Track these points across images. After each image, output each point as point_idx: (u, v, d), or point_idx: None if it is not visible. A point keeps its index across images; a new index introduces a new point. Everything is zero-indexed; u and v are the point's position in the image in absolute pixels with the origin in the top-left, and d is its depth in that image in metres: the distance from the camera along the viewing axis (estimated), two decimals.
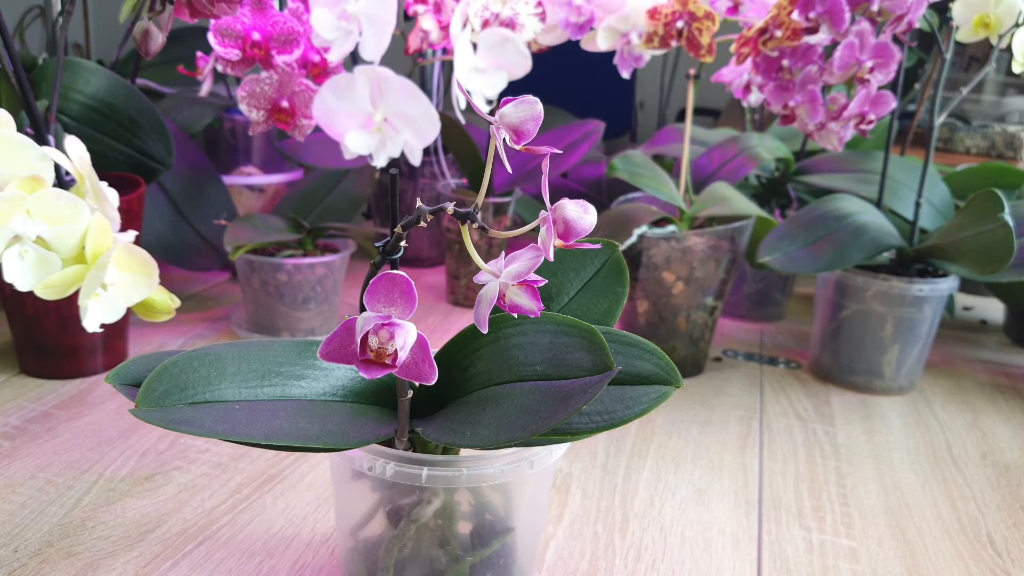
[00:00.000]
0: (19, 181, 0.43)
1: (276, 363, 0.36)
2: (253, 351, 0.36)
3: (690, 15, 0.65)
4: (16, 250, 0.45)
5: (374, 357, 0.28)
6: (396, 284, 0.28)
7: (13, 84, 0.55)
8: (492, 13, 0.62)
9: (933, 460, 0.61)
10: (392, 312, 0.28)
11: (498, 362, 0.35)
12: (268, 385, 0.35)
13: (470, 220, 0.31)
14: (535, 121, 0.29)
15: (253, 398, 0.34)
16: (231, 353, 0.35)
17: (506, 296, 0.30)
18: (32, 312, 0.64)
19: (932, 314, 0.70)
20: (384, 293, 0.28)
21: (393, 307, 0.28)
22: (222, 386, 0.34)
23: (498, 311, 0.31)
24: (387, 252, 0.32)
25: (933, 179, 0.76)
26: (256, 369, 0.35)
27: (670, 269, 0.69)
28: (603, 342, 0.32)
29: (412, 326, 0.28)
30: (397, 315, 0.28)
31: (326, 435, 0.33)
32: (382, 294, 0.28)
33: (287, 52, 0.62)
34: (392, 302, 0.28)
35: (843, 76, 0.66)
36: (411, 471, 0.35)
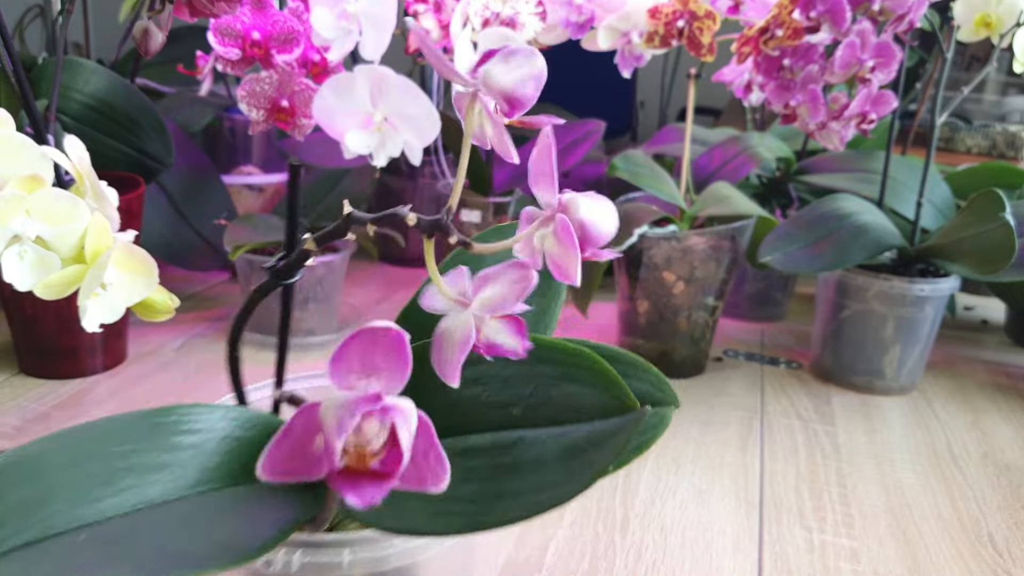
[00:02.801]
0: (18, 181, 0.43)
1: (123, 455, 0.25)
2: (86, 444, 0.25)
3: (691, 14, 0.65)
4: (15, 250, 0.44)
5: (353, 463, 0.18)
6: (379, 342, 0.19)
7: (12, 83, 0.54)
8: (492, 12, 0.62)
9: (934, 460, 0.61)
10: (371, 385, 0.19)
11: (445, 404, 0.25)
12: (119, 491, 0.24)
13: (440, 231, 0.23)
14: (535, 82, 0.22)
15: (99, 518, 0.24)
16: (56, 454, 0.25)
17: (481, 334, 0.22)
18: (31, 312, 0.64)
19: (933, 314, 0.70)
20: (360, 357, 0.19)
21: (374, 377, 0.19)
22: (51, 509, 0.23)
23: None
24: (281, 275, 0.25)
25: (934, 179, 0.76)
26: (98, 471, 0.25)
27: (671, 269, 0.69)
28: (609, 368, 0.24)
29: (410, 405, 0.19)
30: (382, 388, 0.19)
31: (218, 551, 0.23)
32: (357, 359, 0.19)
33: (287, 51, 0.62)
34: (372, 369, 0.19)
35: (844, 75, 0.66)
36: (328, 559, 0.25)
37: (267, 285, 0.25)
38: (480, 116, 0.22)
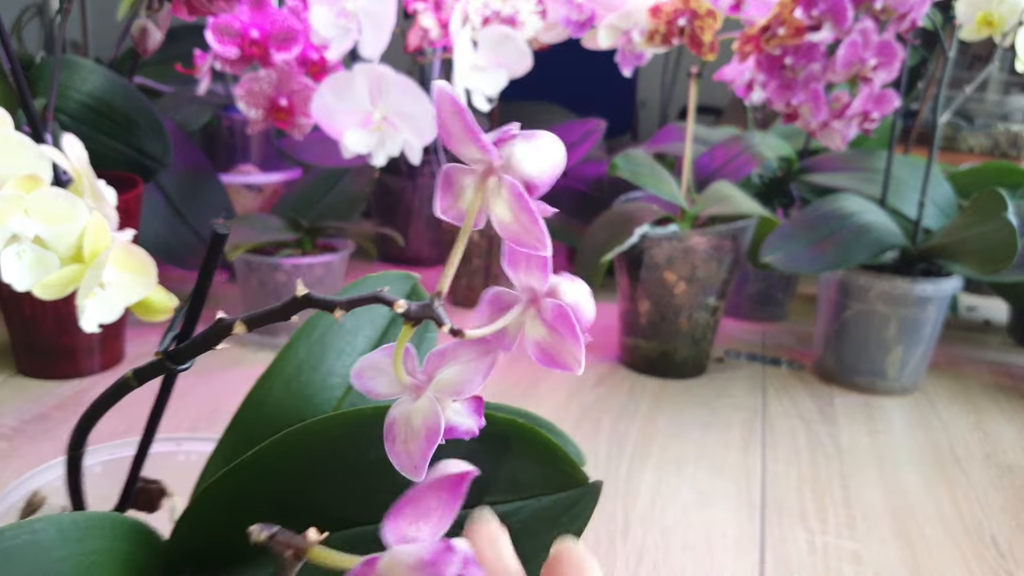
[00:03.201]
0: (17, 180, 0.43)
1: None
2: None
3: (692, 13, 0.64)
4: (14, 250, 0.44)
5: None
6: (443, 490, 0.16)
7: (10, 82, 0.54)
8: (492, 10, 0.62)
9: (936, 461, 0.61)
10: (426, 531, 0.17)
11: (346, 486, 0.22)
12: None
13: (431, 319, 0.20)
14: (554, 173, 0.20)
15: None
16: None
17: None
18: (29, 312, 0.64)
19: (936, 314, 0.70)
20: (423, 506, 0.16)
21: (425, 521, 0.17)
22: None
23: (299, 372, 0.21)
24: (177, 359, 0.21)
25: (937, 178, 0.75)
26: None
27: (672, 269, 0.69)
28: (547, 438, 0.22)
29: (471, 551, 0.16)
30: (428, 531, 0.17)
31: None
32: (418, 507, 0.16)
33: (286, 50, 0.61)
34: (428, 515, 0.17)
35: (846, 74, 0.66)
36: None
37: (150, 370, 0.22)
38: (496, 196, 0.19)
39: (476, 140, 0.19)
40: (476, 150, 0.19)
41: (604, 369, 0.73)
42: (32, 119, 0.56)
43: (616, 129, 1.16)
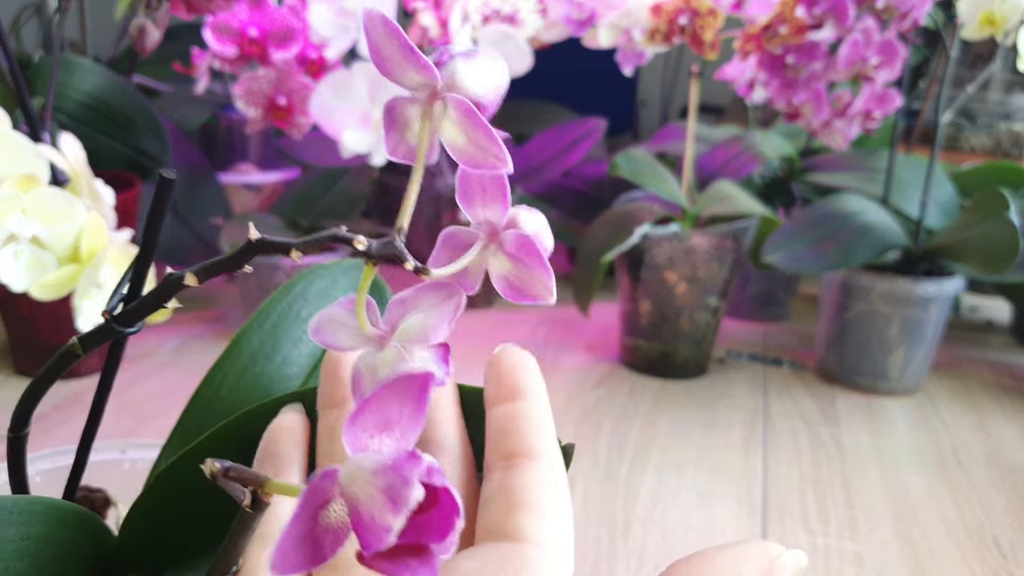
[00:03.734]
0: (14, 180, 0.43)
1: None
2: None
3: (693, 11, 0.64)
4: (11, 250, 0.44)
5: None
6: (409, 393, 0.15)
7: (8, 82, 0.54)
8: (492, 9, 0.61)
9: (938, 462, 0.61)
10: (385, 443, 0.15)
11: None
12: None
13: (391, 258, 0.19)
14: (499, 92, 0.19)
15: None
16: None
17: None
18: (27, 312, 0.63)
19: (938, 314, 0.69)
20: (384, 412, 0.15)
21: (390, 431, 0.15)
22: None
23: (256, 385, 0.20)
24: (125, 320, 0.20)
25: (939, 178, 0.75)
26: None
27: (673, 269, 0.69)
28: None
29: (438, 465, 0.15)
30: (390, 444, 0.15)
31: None
32: (379, 413, 0.15)
33: (284, 49, 0.61)
34: (391, 423, 0.15)
35: (848, 73, 0.66)
36: None
37: (97, 335, 0.20)
38: (444, 120, 0.18)
39: (416, 62, 0.18)
40: (416, 73, 0.18)
41: (604, 370, 0.73)
42: (30, 118, 0.55)
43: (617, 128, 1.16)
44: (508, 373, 0.21)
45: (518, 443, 0.20)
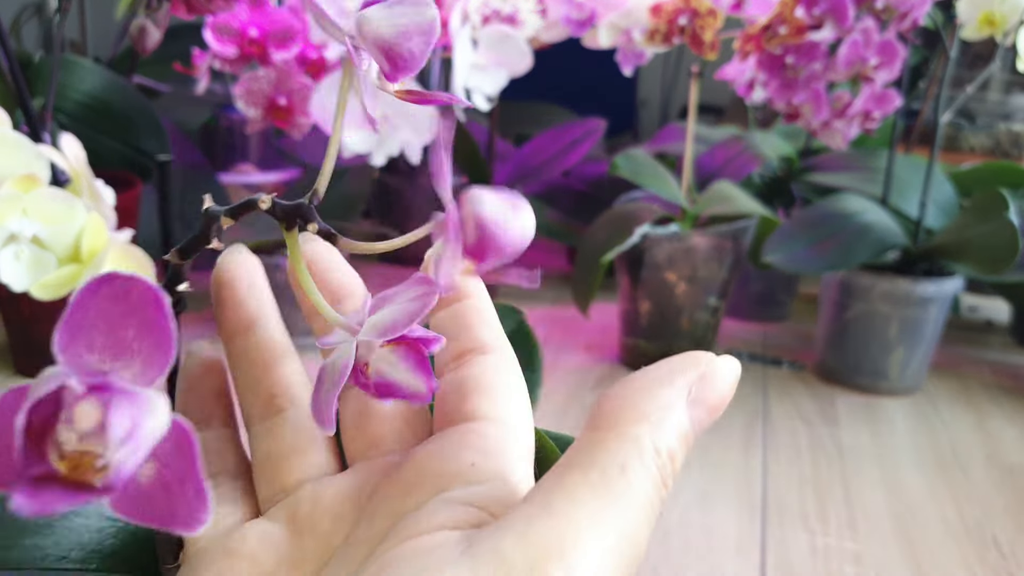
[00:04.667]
0: (15, 180, 0.43)
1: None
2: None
3: (693, 11, 0.64)
4: (12, 250, 0.44)
5: (67, 470, 0.12)
6: (130, 303, 0.13)
7: (9, 82, 0.54)
8: (492, 9, 0.61)
9: (938, 462, 0.61)
10: (115, 370, 0.13)
11: None
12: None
13: (301, 220, 0.18)
14: (423, 37, 0.16)
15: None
16: None
17: (370, 367, 0.17)
18: (28, 313, 0.63)
19: (937, 314, 0.69)
20: (100, 325, 0.13)
21: (120, 360, 0.13)
22: None
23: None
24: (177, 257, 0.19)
25: (938, 178, 0.75)
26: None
27: (673, 269, 0.69)
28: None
29: (161, 399, 0.13)
30: (128, 376, 0.13)
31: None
32: (95, 326, 0.13)
33: (285, 49, 0.61)
34: (120, 349, 0.13)
35: (848, 73, 0.66)
36: None
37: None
38: (350, 76, 0.17)
39: (327, 17, 0.17)
40: (326, 23, 0.18)
41: (604, 370, 0.73)
42: (30, 119, 0.55)
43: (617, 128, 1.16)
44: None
45: (466, 340, 0.20)
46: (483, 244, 0.15)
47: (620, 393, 0.17)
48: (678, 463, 0.16)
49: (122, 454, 0.12)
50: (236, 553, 0.18)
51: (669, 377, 0.17)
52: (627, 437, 0.16)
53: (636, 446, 0.16)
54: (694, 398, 0.17)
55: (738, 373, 0.17)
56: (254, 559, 0.18)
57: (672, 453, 0.16)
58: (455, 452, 0.18)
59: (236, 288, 0.22)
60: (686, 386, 0.17)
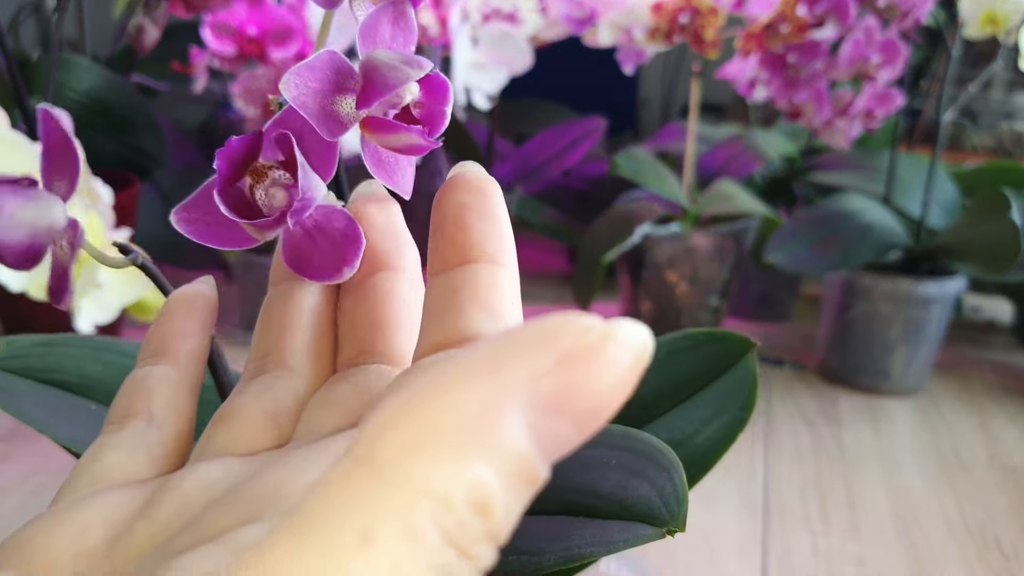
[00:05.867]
0: None
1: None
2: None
3: (694, 10, 0.64)
4: None
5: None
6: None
7: (7, 81, 0.54)
8: (492, 8, 0.61)
9: (940, 463, 0.61)
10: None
11: None
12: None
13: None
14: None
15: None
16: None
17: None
18: (25, 313, 0.63)
19: (940, 315, 0.69)
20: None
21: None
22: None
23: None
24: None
25: (941, 177, 0.75)
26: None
27: (673, 269, 0.68)
28: (679, 471, 0.20)
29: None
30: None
31: None
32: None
33: (284, 47, 0.61)
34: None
35: (850, 72, 0.65)
36: None
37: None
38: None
39: None
40: None
41: None
42: (28, 118, 0.55)
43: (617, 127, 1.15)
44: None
45: (452, 324, 0.16)
46: (371, 82, 0.17)
47: (407, 394, 0.10)
48: (498, 516, 0.09)
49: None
50: (67, 518, 0.15)
51: (495, 362, 0.10)
52: (397, 481, 0.09)
53: (407, 497, 0.09)
54: (546, 399, 0.10)
55: (646, 349, 0.10)
56: (83, 531, 0.15)
57: (484, 502, 0.09)
58: (317, 465, 0.14)
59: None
60: (528, 378, 0.10)
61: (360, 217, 0.19)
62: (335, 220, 0.18)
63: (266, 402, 0.18)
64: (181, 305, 0.20)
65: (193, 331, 0.20)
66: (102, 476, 0.17)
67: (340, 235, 0.18)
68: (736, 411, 0.25)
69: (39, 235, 0.17)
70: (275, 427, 0.17)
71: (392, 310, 0.18)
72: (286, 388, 0.18)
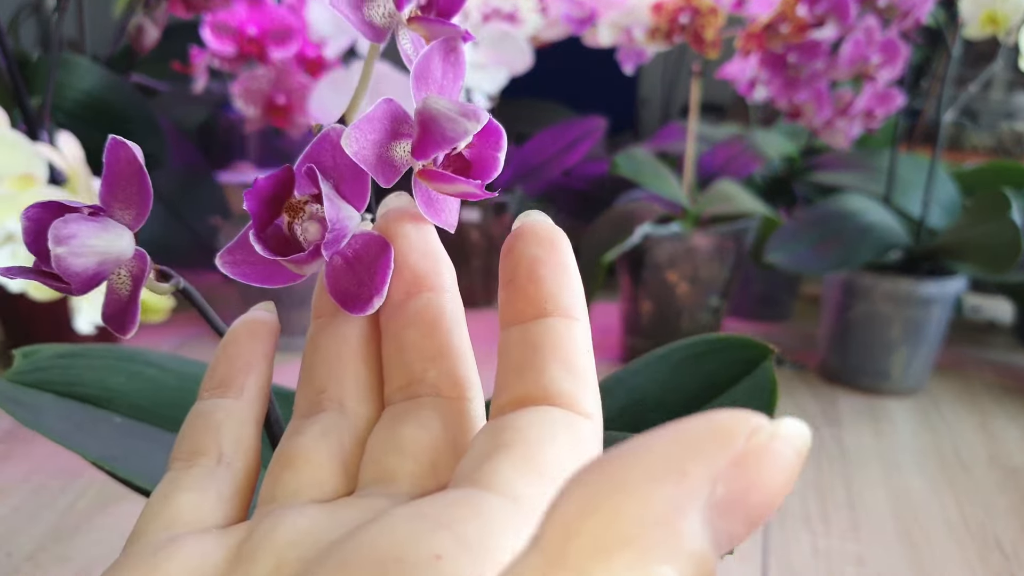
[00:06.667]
0: (12, 179, 0.43)
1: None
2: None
3: (694, 10, 0.64)
4: (9, 249, 0.44)
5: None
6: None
7: (7, 80, 0.54)
8: (493, 8, 0.61)
9: (940, 463, 0.61)
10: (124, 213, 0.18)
11: None
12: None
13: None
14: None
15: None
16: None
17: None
18: (25, 312, 0.63)
19: (940, 315, 0.69)
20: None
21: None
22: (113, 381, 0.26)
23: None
24: None
25: (941, 177, 0.75)
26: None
27: (674, 269, 0.68)
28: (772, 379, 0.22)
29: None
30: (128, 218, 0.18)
31: None
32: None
33: (283, 47, 0.61)
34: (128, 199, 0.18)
35: (850, 72, 0.65)
36: None
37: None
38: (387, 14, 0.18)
39: None
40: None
41: (605, 369, 0.73)
42: (28, 117, 0.55)
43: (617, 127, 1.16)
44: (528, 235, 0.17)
45: (531, 380, 0.16)
46: (427, 133, 0.17)
47: (591, 492, 0.10)
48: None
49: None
50: (150, 570, 0.15)
51: (679, 464, 0.10)
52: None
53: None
54: (721, 499, 0.10)
55: (806, 444, 0.11)
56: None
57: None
58: (427, 531, 0.13)
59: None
60: (708, 480, 0.10)
61: (395, 237, 0.18)
62: (371, 247, 0.18)
63: (332, 445, 0.17)
64: (244, 334, 0.20)
65: (258, 361, 0.19)
66: (175, 519, 0.17)
67: (373, 263, 0.18)
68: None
69: (107, 264, 0.17)
70: (343, 471, 0.17)
71: (442, 335, 0.18)
72: (347, 428, 0.18)
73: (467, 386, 0.18)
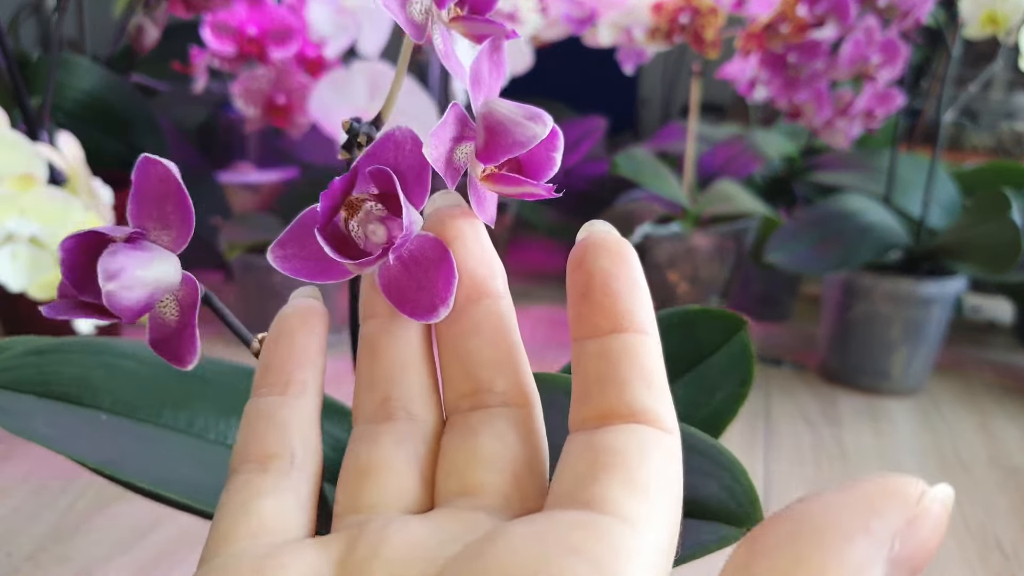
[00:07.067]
0: (12, 180, 0.43)
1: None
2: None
3: (694, 10, 0.64)
4: (9, 250, 0.44)
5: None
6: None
7: (7, 80, 0.54)
8: None
9: (940, 463, 0.61)
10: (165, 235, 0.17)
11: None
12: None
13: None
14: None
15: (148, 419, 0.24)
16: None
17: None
18: (25, 313, 0.63)
19: (940, 315, 0.69)
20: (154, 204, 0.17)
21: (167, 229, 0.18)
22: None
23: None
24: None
25: (941, 177, 0.75)
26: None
27: (674, 268, 0.68)
28: (741, 469, 0.20)
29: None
30: (168, 240, 0.18)
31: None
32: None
33: (283, 47, 0.61)
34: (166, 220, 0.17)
35: (850, 72, 0.65)
36: None
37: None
38: (426, 14, 0.18)
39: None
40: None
41: None
42: (28, 117, 0.55)
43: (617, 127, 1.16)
44: (602, 287, 0.16)
45: (614, 397, 0.16)
46: (492, 139, 0.17)
47: (798, 548, 0.12)
48: None
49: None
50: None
51: (865, 522, 0.12)
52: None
53: None
54: (897, 555, 0.12)
55: (950, 507, 0.13)
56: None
57: None
58: (558, 555, 0.13)
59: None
60: (889, 537, 0.12)
61: (451, 239, 0.18)
62: (429, 250, 0.17)
63: (409, 454, 0.17)
64: (296, 324, 0.19)
65: (316, 355, 0.19)
66: (261, 527, 0.16)
67: (434, 268, 0.17)
68: (735, 386, 0.26)
69: (157, 294, 0.17)
70: (422, 481, 0.17)
71: (506, 344, 0.18)
72: (419, 435, 0.17)
73: (532, 395, 0.18)
